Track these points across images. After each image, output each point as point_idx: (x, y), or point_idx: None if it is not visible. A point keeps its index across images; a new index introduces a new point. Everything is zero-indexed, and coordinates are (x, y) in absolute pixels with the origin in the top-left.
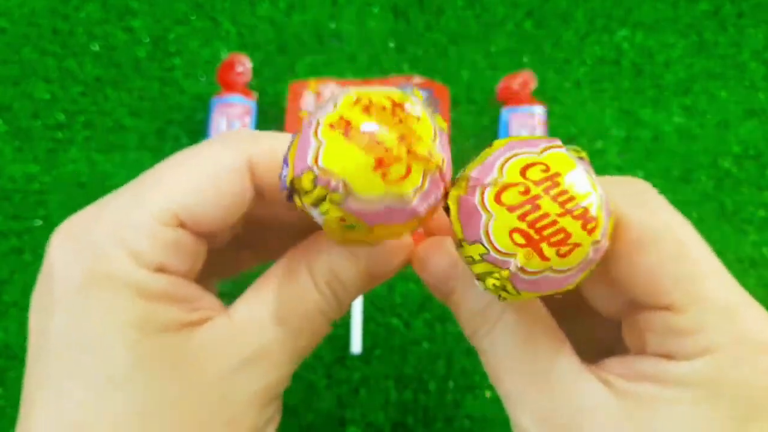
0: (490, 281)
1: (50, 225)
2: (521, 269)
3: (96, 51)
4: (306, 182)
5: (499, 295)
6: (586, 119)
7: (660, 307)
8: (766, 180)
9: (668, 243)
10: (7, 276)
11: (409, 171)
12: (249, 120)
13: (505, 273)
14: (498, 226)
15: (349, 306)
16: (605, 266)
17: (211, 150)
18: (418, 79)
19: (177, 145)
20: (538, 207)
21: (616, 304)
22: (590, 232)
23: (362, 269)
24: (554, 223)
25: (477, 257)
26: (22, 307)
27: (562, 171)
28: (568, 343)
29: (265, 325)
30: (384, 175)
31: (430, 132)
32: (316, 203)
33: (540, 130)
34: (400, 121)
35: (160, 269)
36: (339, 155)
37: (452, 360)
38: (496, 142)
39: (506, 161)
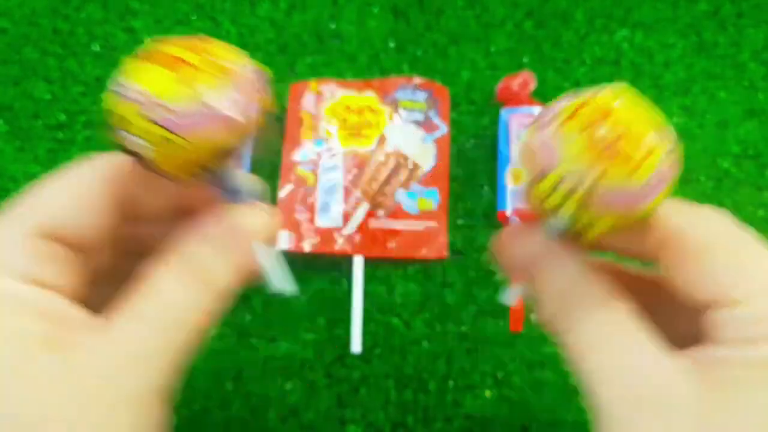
0: (567, 208)
1: None
2: (594, 186)
3: (97, 51)
4: (114, 105)
5: (576, 227)
6: None
7: (726, 303)
8: (765, 180)
9: (729, 241)
10: None
11: (209, 79)
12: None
13: (579, 194)
14: (570, 149)
15: (229, 295)
16: (680, 268)
17: (78, 170)
18: (418, 80)
19: None
20: (603, 127)
21: (704, 292)
22: (650, 153)
23: (229, 260)
24: (619, 140)
25: (550, 189)
26: None
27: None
28: (651, 328)
29: (138, 334)
30: (185, 83)
31: (234, 54)
32: (130, 124)
33: None
34: (204, 50)
35: (37, 283)
36: (144, 74)
37: (452, 360)
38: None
39: (567, 100)
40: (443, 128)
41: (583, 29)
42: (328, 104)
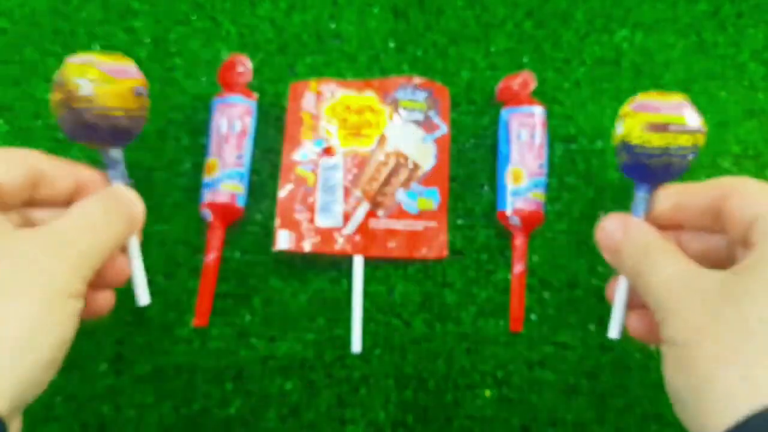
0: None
1: None
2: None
3: (97, 51)
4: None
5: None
6: (586, 119)
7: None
8: (765, 180)
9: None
10: None
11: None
12: (249, 120)
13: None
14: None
15: (119, 239)
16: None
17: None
18: (418, 80)
19: (178, 145)
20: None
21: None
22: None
23: (119, 213)
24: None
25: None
26: None
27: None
28: (681, 251)
29: (71, 226)
30: (116, 57)
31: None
32: (86, 72)
33: (540, 130)
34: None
35: None
36: (91, 53)
37: (452, 359)
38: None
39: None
40: (443, 128)
41: (583, 29)
42: (328, 104)
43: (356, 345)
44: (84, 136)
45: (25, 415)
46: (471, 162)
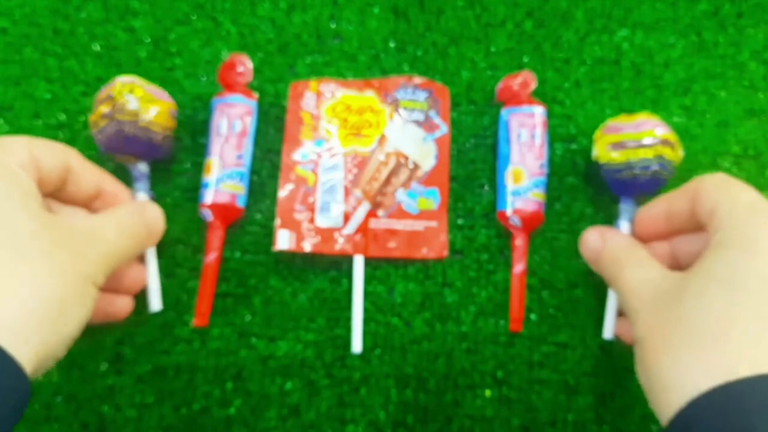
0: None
1: None
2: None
3: (97, 51)
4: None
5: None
6: (586, 119)
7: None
8: (765, 180)
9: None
10: None
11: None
12: (250, 120)
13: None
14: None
15: (144, 246)
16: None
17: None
18: (418, 80)
19: (178, 145)
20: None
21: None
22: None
23: (144, 222)
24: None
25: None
26: None
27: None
28: (655, 261)
29: (105, 226)
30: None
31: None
32: (132, 91)
33: (540, 130)
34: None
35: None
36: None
37: (452, 359)
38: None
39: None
40: (444, 128)
41: (583, 29)
42: (328, 104)
43: (357, 345)
44: (122, 148)
45: (25, 415)
46: (471, 162)
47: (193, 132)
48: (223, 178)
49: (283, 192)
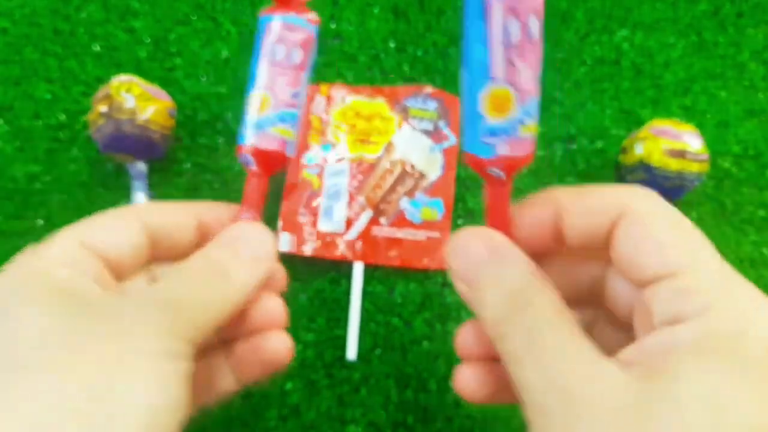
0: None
1: (52, 225)
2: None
3: (97, 51)
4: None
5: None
6: (586, 119)
7: (665, 274)
8: (766, 180)
9: (671, 218)
10: None
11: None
12: (311, 50)
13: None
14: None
15: (247, 290)
16: (621, 245)
17: (118, 210)
18: (429, 89)
19: (178, 146)
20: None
21: (629, 292)
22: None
23: (243, 258)
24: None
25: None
26: None
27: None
28: (583, 333)
29: (175, 289)
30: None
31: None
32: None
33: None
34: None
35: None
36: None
37: (452, 359)
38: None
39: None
40: (452, 139)
41: (583, 29)
42: (337, 109)
43: (351, 352)
44: (119, 147)
45: None
46: None
47: (193, 132)
48: (273, 120)
49: (288, 195)
